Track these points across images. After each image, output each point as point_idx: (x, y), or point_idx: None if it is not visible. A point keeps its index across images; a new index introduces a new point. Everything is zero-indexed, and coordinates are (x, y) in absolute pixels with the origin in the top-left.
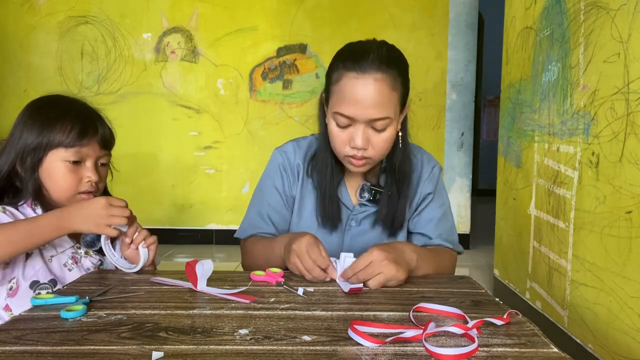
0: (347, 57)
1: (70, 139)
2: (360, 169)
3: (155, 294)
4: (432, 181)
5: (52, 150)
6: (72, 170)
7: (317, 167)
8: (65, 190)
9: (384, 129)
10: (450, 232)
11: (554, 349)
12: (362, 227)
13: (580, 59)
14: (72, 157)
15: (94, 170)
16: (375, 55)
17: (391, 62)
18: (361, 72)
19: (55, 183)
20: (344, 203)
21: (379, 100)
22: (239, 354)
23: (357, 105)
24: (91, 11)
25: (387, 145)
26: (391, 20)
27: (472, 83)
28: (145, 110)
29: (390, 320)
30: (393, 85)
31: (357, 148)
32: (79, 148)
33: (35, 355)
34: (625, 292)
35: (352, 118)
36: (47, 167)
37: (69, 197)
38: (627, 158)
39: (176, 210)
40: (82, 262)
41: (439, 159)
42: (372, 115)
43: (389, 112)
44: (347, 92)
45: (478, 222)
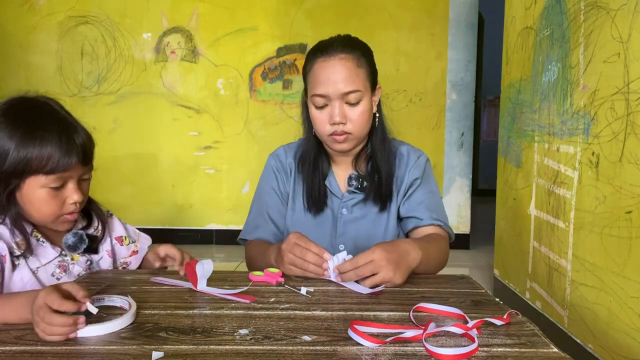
0: (315, 49)
1: (50, 167)
2: (343, 146)
3: (155, 294)
4: (419, 168)
5: (31, 177)
6: (53, 196)
7: (302, 156)
8: (47, 216)
9: (357, 102)
10: (440, 212)
11: (554, 349)
12: (354, 215)
13: (580, 59)
14: (52, 183)
15: (76, 191)
16: (339, 42)
17: (353, 45)
18: (327, 55)
19: (37, 210)
20: (333, 192)
21: (346, 75)
22: (239, 354)
23: (328, 83)
24: (91, 11)
25: (364, 118)
26: (391, 20)
27: (472, 83)
28: (145, 110)
29: (390, 320)
30: (357, 63)
31: (336, 123)
32: (61, 174)
33: (35, 355)
34: (625, 292)
35: (326, 96)
36: (27, 194)
37: (52, 221)
38: (627, 158)
39: (176, 210)
40: (70, 269)
41: (439, 158)
42: (343, 89)
43: (358, 85)
44: (318, 74)
45: (478, 222)
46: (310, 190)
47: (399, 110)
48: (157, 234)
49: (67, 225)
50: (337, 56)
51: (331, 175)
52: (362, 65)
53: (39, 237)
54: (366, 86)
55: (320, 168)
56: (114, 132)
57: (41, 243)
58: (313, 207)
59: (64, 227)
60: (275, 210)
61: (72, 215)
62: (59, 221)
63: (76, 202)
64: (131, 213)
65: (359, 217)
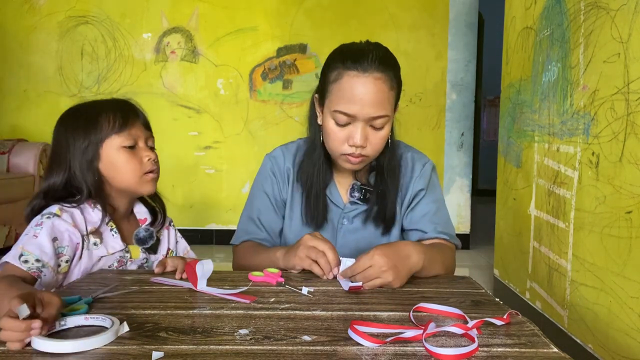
0: (346, 56)
1: (118, 126)
2: (356, 167)
3: (155, 294)
4: (424, 178)
5: (106, 142)
6: (131, 154)
7: (305, 166)
8: (132, 174)
9: (382, 127)
10: (446, 225)
11: (554, 349)
12: (355, 225)
13: (580, 59)
14: (126, 141)
15: (148, 150)
16: (375, 56)
17: (389, 63)
18: (362, 70)
19: (121, 171)
20: (334, 202)
21: (379, 99)
22: (239, 354)
23: (358, 104)
24: (91, 11)
25: (383, 143)
26: (391, 20)
27: (472, 83)
28: (145, 110)
29: (390, 320)
30: (391, 85)
31: (356, 146)
32: (129, 131)
33: (35, 355)
34: (625, 292)
35: (352, 116)
36: (107, 159)
37: (137, 180)
38: (627, 158)
39: (176, 210)
40: (127, 265)
41: (439, 158)
42: (373, 113)
43: (387, 110)
44: (347, 89)
45: (478, 222)
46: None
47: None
48: None
49: (150, 185)
50: (372, 75)
51: (332, 184)
52: (394, 87)
53: (112, 227)
54: (392, 109)
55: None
56: None
57: (113, 233)
58: (312, 222)
59: (148, 186)
60: (266, 216)
61: (152, 173)
62: (143, 180)
63: (151, 159)
64: None
65: (360, 228)
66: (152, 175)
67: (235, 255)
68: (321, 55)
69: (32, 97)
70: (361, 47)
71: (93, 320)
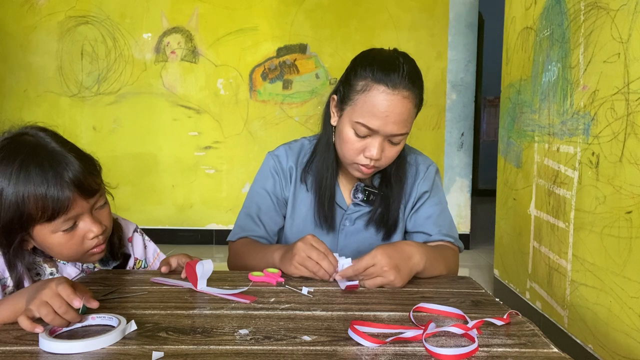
0: (377, 68)
1: (49, 214)
2: (366, 176)
3: (155, 294)
4: (428, 180)
5: (36, 228)
6: (70, 237)
7: (316, 168)
8: (71, 255)
9: (399, 142)
10: (450, 227)
11: (554, 349)
12: (356, 227)
13: (580, 59)
14: (62, 226)
15: (94, 223)
16: (405, 71)
17: (417, 80)
18: (392, 87)
19: (58, 254)
20: (338, 204)
21: (404, 117)
22: (239, 354)
23: (382, 120)
24: (91, 11)
25: (396, 155)
26: (391, 20)
27: (472, 83)
28: (145, 110)
29: (390, 320)
30: (416, 103)
31: (372, 159)
32: (65, 215)
33: (35, 355)
34: (625, 292)
35: (374, 130)
36: (40, 241)
37: (79, 257)
38: (627, 158)
39: (176, 210)
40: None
41: (439, 158)
42: (396, 131)
43: (409, 128)
44: (375, 105)
45: (478, 222)
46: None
47: None
48: (157, 234)
49: (96, 257)
50: (401, 93)
51: (337, 185)
52: (417, 104)
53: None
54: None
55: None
56: (114, 132)
57: (63, 263)
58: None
59: (93, 259)
60: (265, 213)
61: (98, 247)
62: (87, 256)
63: (95, 235)
64: (131, 213)
65: (362, 230)
66: (97, 249)
67: (230, 251)
68: (321, 56)
69: (32, 97)
70: (391, 58)
71: (99, 319)
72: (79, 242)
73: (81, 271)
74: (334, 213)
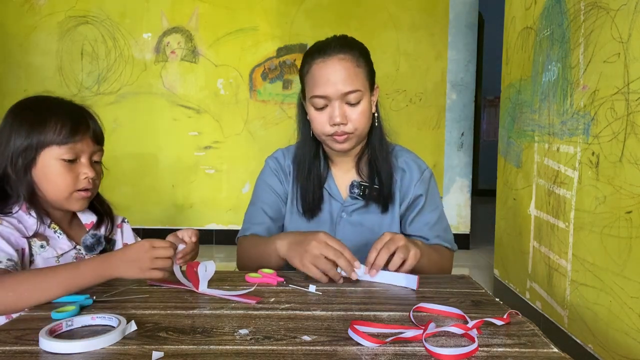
0: (312, 51)
1: (63, 136)
2: (344, 146)
3: (155, 294)
4: (423, 184)
5: (45, 149)
6: (67, 168)
7: (298, 158)
8: (62, 190)
9: (357, 102)
10: (446, 232)
11: (554, 349)
12: (353, 219)
13: (580, 59)
14: (66, 154)
15: (89, 167)
16: (336, 42)
17: (351, 45)
18: (326, 56)
19: (52, 182)
20: (333, 196)
21: (346, 75)
22: (239, 354)
23: (327, 84)
24: (91, 11)
25: (364, 118)
26: (391, 20)
27: (472, 83)
28: (145, 110)
29: (390, 320)
30: (356, 63)
31: (336, 124)
32: (73, 145)
33: (35, 355)
34: (625, 292)
35: (326, 97)
36: (42, 167)
37: (66, 196)
38: (627, 158)
39: (176, 210)
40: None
41: (439, 158)
42: (343, 89)
43: (357, 85)
44: (316, 76)
45: (478, 222)
46: (304, 195)
47: (399, 110)
48: (157, 234)
49: (80, 203)
50: (336, 56)
51: (330, 178)
52: (361, 65)
53: (56, 229)
54: (365, 86)
55: (316, 172)
56: (114, 132)
57: (57, 235)
58: (307, 212)
59: (77, 204)
60: (271, 207)
61: (86, 192)
62: (73, 198)
63: (89, 178)
64: (131, 213)
65: (359, 223)
66: (84, 194)
67: (238, 247)
68: None
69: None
70: (324, 40)
71: (100, 319)
72: (73, 178)
73: (74, 247)
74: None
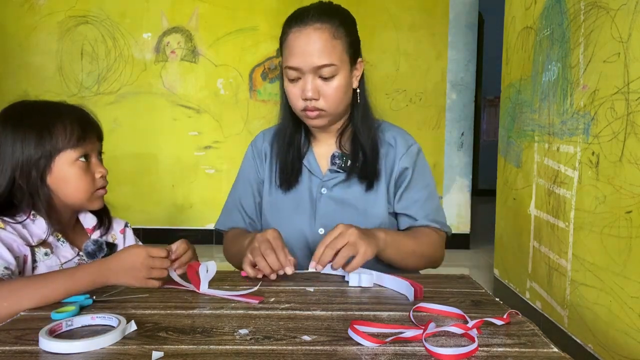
0: (291, 18)
1: (76, 139)
2: (316, 122)
3: (155, 294)
4: (410, 157)
5: (59, 155)
6: (84, 170)
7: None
8: (84, 191)
9: (331, 77)
10: (437, 212)
11: (554, 349)
12: (335, 195)
13: (580, 58)
14: (81, 156)
15: (100, 164)
16: (315, 10)
17: (331, 13)
18: (302, 24)
19: (72, 186)
20: (312, 172)
21: (321, 47)
22: (239, 354)
23: (300, 55)
24: (91, 11)
25: (338, 94)
26: (391, 20)
27: (472, 83)
28: (145, 110)
29: (390, 320)
30: (334, 34)
31: (307, 98)
32: (85, 146)
33: (35, 355)
34: (625, 292)
35: (298, 69)
36: (59, 173)
37: (88, 197)
38: (627, 158)
39: (176, 210)
40: None
41: (439, 158)
42: (316, 62)
43: (332, 59)
44: (291, 45)
45: (478, 222)
46: (283, 165)
47: (399, 110)
48: (157, 234)
49: (100, 201)
50: (312, 26)
51: (310, 153)
52: (340, 37)
53: (59, 237)
54: (343, 59)
55: (297, 143)
56: (114, 132)
57: (61, 243)
58: (284, 183)
59: (98, 203)
60: (247, 200)
61: (103, 189)
62: (94, 197)
63: (103, 175)
64: (131, 213)
65: (341, 199)
66: (103, 191)
67: (224, 241)
68: None
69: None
70: (305, 6)
71: (99, 319)
72: (91, 178)
73: (77, 254)
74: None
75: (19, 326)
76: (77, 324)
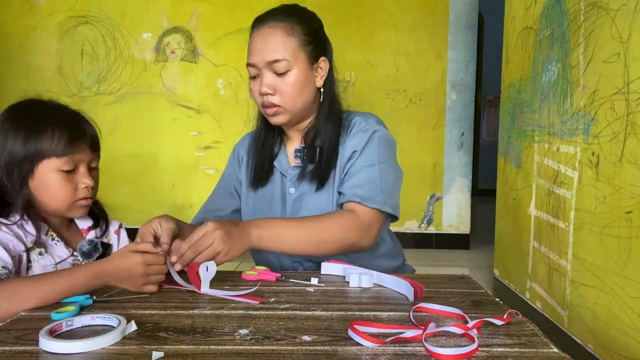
0: (254, 20)
1: (62, 148)
2: (275, 119)
3: (155, 294)
4: (359, 138)
5: (43, 161)
6: (67, 179)
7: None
8: (63, 200)
9: (284, 72)
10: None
11: (554, 349)
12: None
13: (580, 59)
14: (65, 165)
15: (88, 176)
16: (276, 11)
17: (290, 13)
18: (260, 25)
19: (52, 194)
20: (282, 171)
21: (273, 44)
22: (239, 354)
23: (257, 52)
24: (91, 11)
25: (293, 90)
26: (391, 20)
27: (472, 83)
28: (145, 110)
29: (390, 320)
30: (288, 31)
31: (262, 94)
32: (72, 155)
33: (35, 355)
34: (625, 292)
35: (254, 65)
36: (40, 179)
37: (67, 206)
38: (627, 158)
39: (176, 210)
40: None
41: (439, 158)
42: (267, 57)
43: (284, 54)
44: (250, 44)
45: (478, 222)
46: (255, 166)
47: (399, 110)
48: None
49: (81, 211)
50: (268, 25)
51: (282, 153)
52: (295, 34)
53: (53, 237)
54: (297, 55)
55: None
56: (114, 132)
57: (55, 242)
58: (254, 181)
59: (78, 213)
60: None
61: (85, 200)
62: (74, 207)
63: (88, 187)
64: (131, 213)
65: (307, 193)
66: (84, 202)
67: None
68: None
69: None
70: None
71: (100, 319)
72: (73, 188)
73: (71, 254)
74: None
75: (19, 326)
76: (77, 324)
